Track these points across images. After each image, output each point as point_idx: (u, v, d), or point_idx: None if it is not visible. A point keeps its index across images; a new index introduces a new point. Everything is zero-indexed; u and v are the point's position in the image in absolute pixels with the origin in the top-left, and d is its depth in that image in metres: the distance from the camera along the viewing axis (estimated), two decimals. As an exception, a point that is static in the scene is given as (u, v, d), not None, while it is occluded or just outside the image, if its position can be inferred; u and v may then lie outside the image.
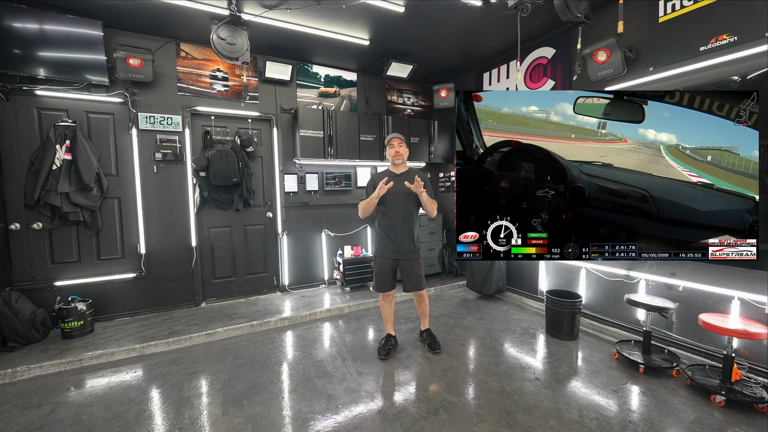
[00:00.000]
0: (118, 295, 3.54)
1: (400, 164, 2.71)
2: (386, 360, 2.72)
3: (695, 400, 2.16)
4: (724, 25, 2.33)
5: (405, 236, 2.65)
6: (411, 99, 5.17)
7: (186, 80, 3.74)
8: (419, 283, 2.72)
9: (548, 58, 3.63)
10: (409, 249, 2.67)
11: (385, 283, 2.72)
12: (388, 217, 2.65)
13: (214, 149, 3.74)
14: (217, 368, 2.67)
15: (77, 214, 3.26)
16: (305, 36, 3.57)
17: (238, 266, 4.13)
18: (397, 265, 2.72)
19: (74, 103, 3.29)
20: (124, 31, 3.41)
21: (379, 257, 2.72)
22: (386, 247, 2.68)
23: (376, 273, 2.74)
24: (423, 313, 2.93)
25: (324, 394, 2.29)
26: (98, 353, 2.81)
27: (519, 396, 2.24)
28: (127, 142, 3.51)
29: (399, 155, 2.65)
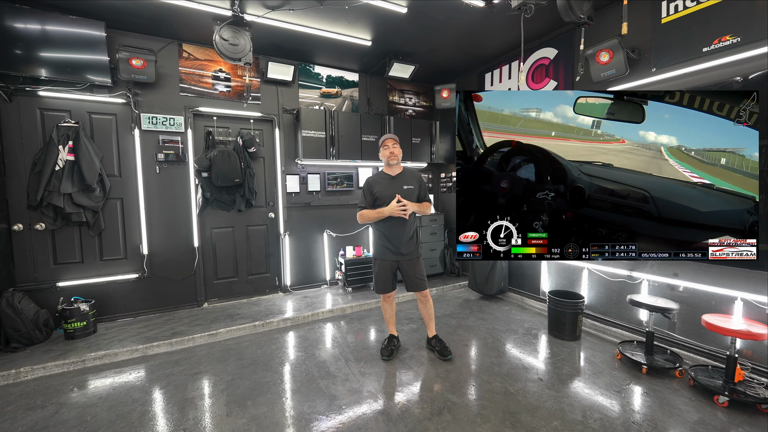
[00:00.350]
0: (120, 295, 3.54)
1: (394, 165, 2.66)
2: (389, 360, 2.72)
3: (698, 401, 2.16)
4: (727, 26, 2.34)
5: (404, 237, 2.60)
6: (413, 99, 5.17)
7: (188, 81, 3.74)
8: (421, 283, 2.69)
9: (550, 58, 3.63)
10: (408, 250, 2.63)
11: (386, 285, 2.70)
12: (385, 220, 2.59)
13: (216, 150, 3.75)
14: (221, 369, 2.67)
15: (80, 214, 3.26)
16: (307, 36, 3.57)
17: (240, 267, 4.14)
18: (397, 267, 2.69)
19: (77, 103, 3.29)
20: (127, 31, 3.42)
21: (379, 259, 2.69)
22: (385, 249, 2.65)
23: (376, 275, 2.72)
24: (428, 316, 2.82)
25: (327, 395, 2.29)
26: (101, 354, 2.81)
27: (522, 396, 2.25)
28: (130, 142, 3.52)
29: (394, 156, 2.60)
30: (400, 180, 2.61)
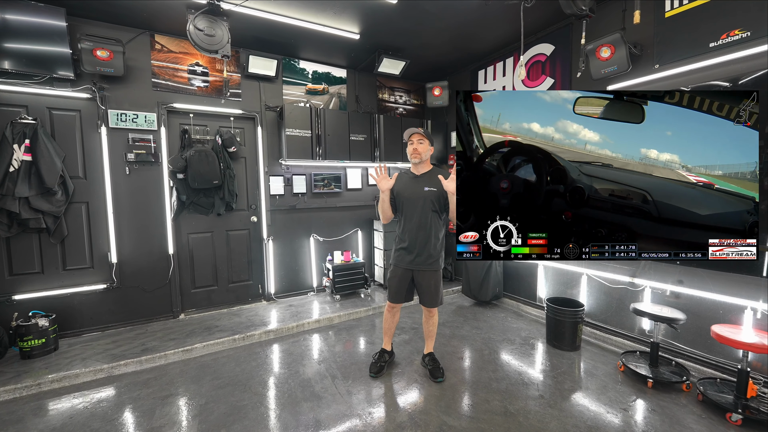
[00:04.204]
0: (86, 308, 3.24)
1: (418, 163, 2.37)
2: (377, 378, 2.51)
3: (709, 418, 2.03)
4: (736, 20, 2.21)
5: (422, 245, 2.35)
6: (403, 97, 4.98)
7: (162, 75, 3.46)
8: (434, 299, 2.43)
9: (547, 55, 3.48)
10: (425, 260, 2.37)
11: (398, 295, 2.47)
12: (403, 224, 2.40)
13: (192, 149, 3.48)
14: (194, 390, 2.43)
15: (39, 220, 2.96)
16: (291, 28, 3.34)
17: (220, 274, 3.87)
18: (411, 277, 2.45)
19: (35, 98, 2.99)
20: (91, 20, 3.12)
21: (393, 265, 2.50)
22: (401, 257, 2.43)
23: (389, 280, 2.52)
24: (429, 333, 2.62)
25: (311, 420, 2.08)
26: (60, 375, 2.53)
27: (524, 417, 2.08)
28: (96, 141, 3.22)
29: (417, 153, 2.33)
30: (423, 181, 2.35)
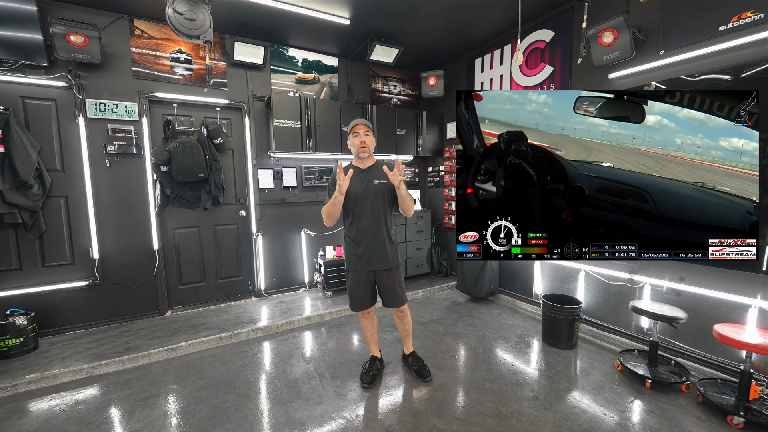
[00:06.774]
0: (68, 305, 3.14)
1: (366, 157, 2.23)
2: (371, 388, 2.34)
3: (710, 421, 1.95)
4: (748, 1, 2.06)
5: (378, 243, 2.19)
6: (397, 87, 4.82)
7: (142, 62, 3.30)
8: (399, 299, 2.30)
9: (546, 41, 3.32)
10: (383, 258, 2.22)
11: (362, 301, 2.30)
12: (354, 223, 2.20)
13: (176, 141, 3.33)
14: (177, 391, 2.34)
15: (14, 215, 2.84)
16: (278, 13, 3.17)
17: (207, 270, 3.76)
18: (374, 278, 2.29)
19: (6, 86, 2.83)
20: (65, 3, 2.95)
21: (351, 271, 2.28)
22: (357, 259, 2.23)
23: (350, 289, 2.32)
24: (405, 332, 2.49)
25: (296, 423, 1.99)
26: (38, 376, 2.44)
27: (517, 420, 1.99)
28: (74, 132, 3.08)
29: (365, 146, 2.18)
30: (372, 174, 2.20)
